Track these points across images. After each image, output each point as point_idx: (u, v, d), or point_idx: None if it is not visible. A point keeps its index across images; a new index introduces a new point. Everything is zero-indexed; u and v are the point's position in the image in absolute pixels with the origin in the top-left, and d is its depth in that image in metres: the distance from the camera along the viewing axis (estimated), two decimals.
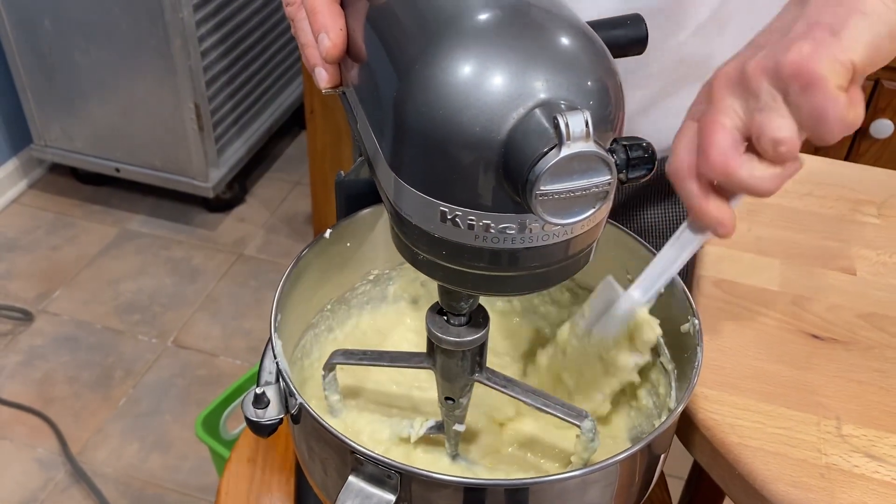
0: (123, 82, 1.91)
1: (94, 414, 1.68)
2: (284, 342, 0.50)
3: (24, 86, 2.00)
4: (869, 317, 0.64)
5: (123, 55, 1.87)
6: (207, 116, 1.96)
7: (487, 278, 0.42)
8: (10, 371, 1.75)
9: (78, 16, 1.83)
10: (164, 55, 1.83)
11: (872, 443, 0.55)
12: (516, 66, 0.36)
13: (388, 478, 0.41)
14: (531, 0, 0.39)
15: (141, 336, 1.84)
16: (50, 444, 1.61)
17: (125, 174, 2.09)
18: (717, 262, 0.69)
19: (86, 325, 1.86)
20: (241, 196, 2.22)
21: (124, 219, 2.15)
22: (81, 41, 1.87)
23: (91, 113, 2.00)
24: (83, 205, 2.18)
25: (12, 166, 2.15)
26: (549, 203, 0.35)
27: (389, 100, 0.39)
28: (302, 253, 0.52)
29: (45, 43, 1.90)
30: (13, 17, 1.89)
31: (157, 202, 2.19)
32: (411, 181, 0.39)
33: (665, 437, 0.49)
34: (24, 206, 2.17)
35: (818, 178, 0.79)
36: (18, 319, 1.85)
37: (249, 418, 0.47)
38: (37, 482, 1.55)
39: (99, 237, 2.09)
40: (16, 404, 1.67)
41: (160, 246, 2.08)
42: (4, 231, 2.09)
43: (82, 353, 1.79)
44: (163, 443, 1.63)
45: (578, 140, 0.34)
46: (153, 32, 1.80)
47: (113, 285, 1.96)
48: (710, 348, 0.61)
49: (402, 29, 0.41)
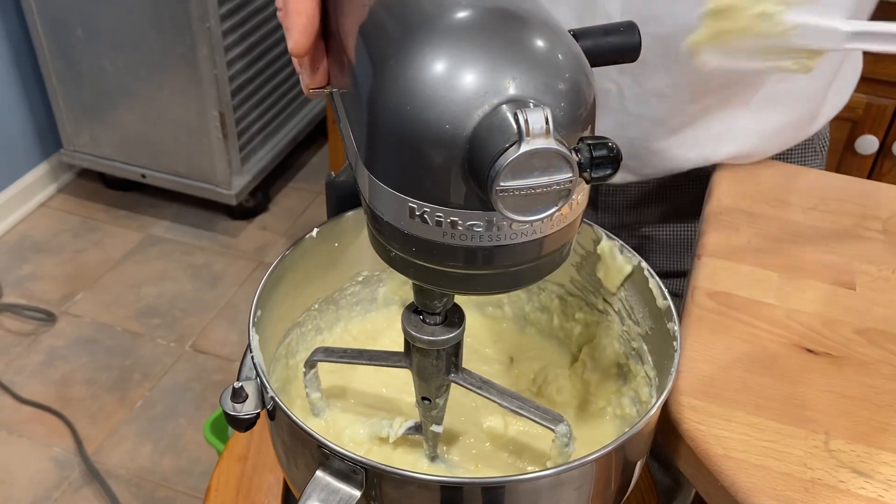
0: (150, 90, 1.95)
1: (111, 415, 1.70)
2: (267, 339, 0.50)
3: (56, 92, 2.04)
4: (866, 332, 0.63)
5: (151, 64, 1.90)
6: (232, 125, 1.99)
7: (458, 276, 0.42)
8: (31, 371, 1.78)
9: (108, 25, 1.87)
10: (190, 64, 1.87)
11: (861, 459, 0.54)
12: (484, 64, 0.37)
13: (354, 473, 0.41)
14: (510, 3, 0.40)
15: (160, 340, 1.86)
16: (66, 444, 1.64)
17: (151, 180, 2.12)
18: (713, 273, 0.68)
19: (106, 327, 1.89)
20: (263, 204, 2.25)
21: (149, 224, 2.18)
22: (111, 49, 1.91)
23: (118, 119, 2.04)
24: (110, 210, 2.22)
25: (42, 171, 2.20)
26: (511, 199, 0.35)
27: (365, 97, 0.40)
28: (286, 251, 0.53)
29: (76, 51, 1.95)
30: (47, 26, 1.93)
31: (181, 208, 2.22)
32: (382, 177, 0.40)
33: (640, 440, 0.49)
34: (53, 210, 2.21)
35: (825, 192, 0.78)
36: (41, 320, 1.88)
37: (227, 412, 0.48)
38: (52, 480, 1.57)
39: (124, 241, 2.13)
40: (35, 403, 1.70)
41: (183, 252, 2.11)
42: (32, 233, 2.13)
43: (102, 355, 1.82)
44: (176, 446, 1.64)
45: (538, 137, 0.34)
46: (180, 42, 1.84)
47: (135, 289, 1.99)
48: (699, 359, 0.60)
49: (383, 29, 0.42)
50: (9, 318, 1.89)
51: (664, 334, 0.52)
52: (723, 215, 0.74)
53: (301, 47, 0.44)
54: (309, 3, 0.43)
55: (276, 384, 0.56)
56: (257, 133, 2.13)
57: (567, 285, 0.63)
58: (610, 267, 0.58)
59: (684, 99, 0.70)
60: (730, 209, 0.75)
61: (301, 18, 0.43)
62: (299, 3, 0.43)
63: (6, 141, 2.08)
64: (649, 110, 0.71)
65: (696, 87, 0.70)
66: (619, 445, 0.44)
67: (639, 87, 0.69)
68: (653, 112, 0.71)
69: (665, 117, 0.72)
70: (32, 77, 2.07)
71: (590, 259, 0.59)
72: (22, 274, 2.01)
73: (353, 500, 0.42)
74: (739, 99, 0.73)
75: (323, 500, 0.42)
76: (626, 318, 0.58)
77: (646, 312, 0.56)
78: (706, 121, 0.74)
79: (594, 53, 0.45)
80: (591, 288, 0.61)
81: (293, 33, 0.43)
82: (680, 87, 0.69)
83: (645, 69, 0.67)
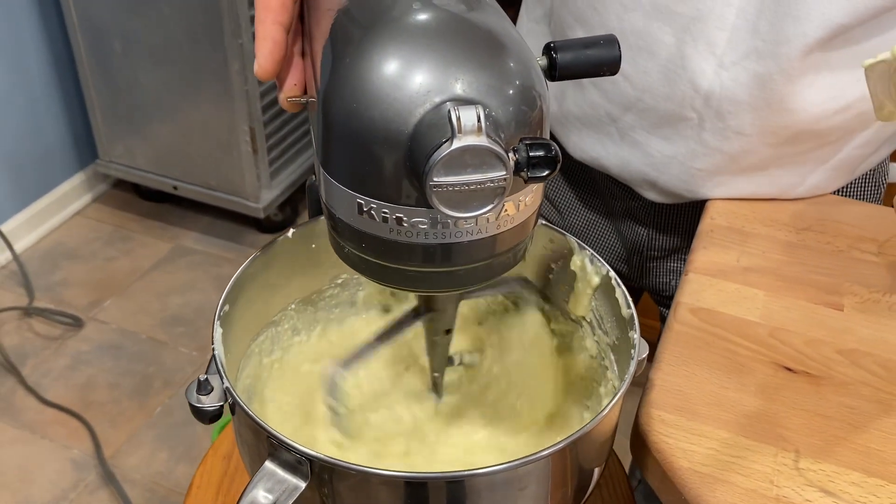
0: (184, 104, 2.00)
1: (130, 420, 1.73)
2: (237, 335, 0.52)
3: (94, 105, 2.10)
4: (849, 353, 0.62)
5: (185, 78, 1.95)
6: (262, 139, 2.03)
7: (410, 274, 0.43)
8: (57, 374, 1.82)
9: (145, 39, 1.93)
10: (222, 79, 1.91)
11: (830, 478, 0.53)
12: (430, 64, 0.38)
13: (300, 464, 0.42)
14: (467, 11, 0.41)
15: (182, 348, 1.90)
16: (85, 447, 1.67)
17: (182, 192, 2.17)
18: (699, 290, 0.68)
19: (131, 334, 1.92)
20: (292, 218, 2.28)
21: (179, 235, 2.22)
22: (147, 63, 1.97)
23: (153, 132, 2.09)
24: (142, 220, 2.27)
25: (78, 180, 2.26)
26: (444, 195, 0.36)
27: (321, 96, 0.41)
28: (259, 251, 0.54)
29: (114, 64, 2.01)
30: (87, 40, 2.00)
31: (211, 221, 2.26)
32: (334, 174, 0.41)
33: (593, 440, 0.49)
34: (87, 219, 2.27)
35: (821, 214, 0.77)
36: (69, 325, 1.93)
37: (191, 403, 0.49)
38: (69, 481, 1.60)
39: (153, 251, 2.17)
40: (58, 406, 1.73)
41: (211, 263, 2.14)
42: (66, 241, 2.19)
43: (125, 361, 1.86)
44: (191, 454, 1.66)
45: (470, 134, 0.35)
46: (213, 57, 1.88)
47: (161, 298, 2.03)
48: (674, 374, 0.60)
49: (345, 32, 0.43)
50: (39, 322, 1.94)
51: (628, 343, 0.52)
52: (715, 234, 0.74)
53: (265, 71, 0.45)
54: (275, 28, 0.45)
55: (247, 380, 0.57)
56: (287, 148, 2.17)
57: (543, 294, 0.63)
58: (580, 280, 0.58)
59: (764, 142, 0.69)
60: (723, 228, 0.74)
61: (267, 44, 0.45)
62: (266, 29, 0.45)
63: (45, 151, 2.15)
64: (725, 146, 0.69)
65: (779, 133, 0.69)
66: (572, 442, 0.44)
67: (721, 121, 0.68)
68: (728, 148, 0.69)
69: (739, 156, 0.70)
70: (72, 90, 2.14)
71: (563, 269, 0.59)
72: (54, 279, 2.06)
73: (298, 490, 0.42)
74: (818, 156, 0.72)
75: (269, 490, 0.42)
76: (597, 328, 0.58)
77: (613, 322, 0.56)
78: (778, 169, 0.73)
79: (574, 65, 0.46)
80: (565, 298, 0.61)
81: (258, 57, 0.45)
82: (763, 130, 0.68)
83: (734, 106, 0.66)
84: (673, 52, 0.65)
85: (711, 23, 0.63)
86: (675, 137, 0.70)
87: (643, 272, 0.84)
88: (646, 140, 0.72)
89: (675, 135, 0.70)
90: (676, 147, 0.71)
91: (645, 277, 0.85)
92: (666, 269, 0.83)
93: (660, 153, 0.71)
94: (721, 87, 0.65)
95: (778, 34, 0.62)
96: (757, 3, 0.62)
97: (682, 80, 0.66)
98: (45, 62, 2.07)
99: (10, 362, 1.81)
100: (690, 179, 0.72)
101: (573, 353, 0.62)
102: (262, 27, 0.45)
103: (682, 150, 0.70)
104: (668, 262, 0.83)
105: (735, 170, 0.72)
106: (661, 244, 0.81)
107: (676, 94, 0.67)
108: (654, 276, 0.84)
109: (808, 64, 0.63)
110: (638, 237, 0.82)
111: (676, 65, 0.66)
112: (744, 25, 0.63)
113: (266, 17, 0.44)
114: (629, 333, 0.52)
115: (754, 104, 0.66)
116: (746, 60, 0.64)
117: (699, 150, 0.70)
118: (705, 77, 0.65)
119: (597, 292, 0.58)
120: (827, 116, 0.67)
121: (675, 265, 0.82)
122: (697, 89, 0.66)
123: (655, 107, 0.69)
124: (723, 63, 0.64)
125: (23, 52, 2.01)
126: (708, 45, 0.64)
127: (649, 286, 0.86)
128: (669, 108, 0.68)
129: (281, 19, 0.45)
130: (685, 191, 0.74)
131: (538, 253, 0.60)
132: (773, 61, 0.63)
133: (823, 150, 0.72)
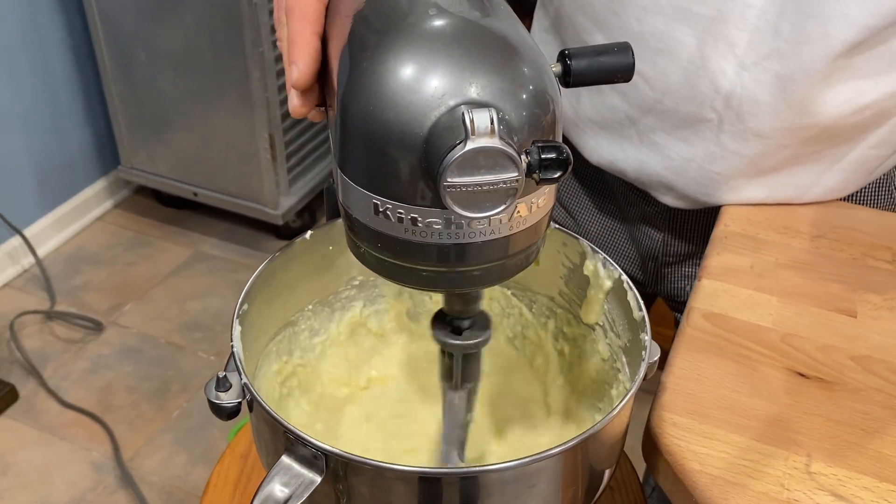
0: (204, 111, 2.02)
1: (148, 423, 1.74)
2: (256, 334, 0.53)
3: (117, 112, 2.13)
4: (862, 359, 0.62)
5: (206, 86, 1.98)
6: (281, 147, 2.05)
7: (424, 274, 0.43)
8: (77, 377, 1.84)
9: (168, 48, 1.95)
10: (242, 87, 1.93)
11: (841, 482, 0.53)
12: (446, 68, 0.39)
13: (316, 459, 0.43)
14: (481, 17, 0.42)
15: (201, 353, 1.91)
16: (104, 449, 1.69)
17: (202, 198, 2.19)
18: (712, 295, 0.68)
19: (151, 338, 1.95)
20: (310, 225, 2.29)
21: (198, 241, 2.25)
22: (169, 71, 1.99)
23: (174, 139, 2.12)
24: (162, 226, 2.29)
25: (100, 186, 2.29)
26: (458, 195, 0.37)
27: (339, 99, 0.42)
28: (276, 254, 0.55)
29: (137, 73, 2.04)
30: (111, 49, 2.03)
31: (230, 227, 2.28)
32: (351, 175, 0.42)
33: (603, 440, 0.49)
34: (108, 224, 2.30)
35: (836, 221, 0.77)
36: (89, 329, 1.95)
37: (210, 400, 0.50)
38: (87, 483, 1.62)
39: (173, 257, 2.20)
40: (77, 408, 1.75)
41: (229, 269, 2.16)
42: (87, 246, 2.22)
43: (144, 365, 1.88)
44: (208, 456, 1.68)
45: (483, 136, 0.36)
46: (234, 65, 1.91)
47: (180, 303, 2.05)
48: (686, 377, 0.60)
49: (362, 38, 0.44)
50: (59, 326, 1.97)
51: (640, 346, 0.53)
52: (729, 240, 0.74)
53: (307, 80, 0.45)
54: (314, 39, 0.45)
55: (265, 379, 0.58)
56: (306, 156, 2.19)
57: (556, 298, 0.64)
58: (593, 284, 0.59)
59: (782, 143, 0.69)
60: (736, 234, 0.75)
61: (308, 51, 0.45)
62: (306, 39, 0.45)
63: (69, 157, 2.18)
64: (744, 148, 0.70)
65: (797, 135, 0.69)
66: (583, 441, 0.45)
67: (741, 123, 0.68)
68: (747, 151, 0.70)
69: (757, 158, 0.71)
70: (96, 98, 2.17)
71: (576, 272, 0.60)
72: (75, 284, 2.09)
73: (314, 484, 0.43)
74: (832, 154, 0.73)
75: (285, 484, 0.43)
76: (609, 331, 0.59)
77: (625, 325, 0.56)
78: (794, 169, 0.73)
79: (588, 72, 0.47)
80: (578, 301, 0.62)
81: (300, 66, 0.45)
82: (782, 132, 0.68)
83: (754, 107, 0.66)
84: (693, 53, 0.65)
85: (732, 23, 0.63)
86: (694, 139, 0.70)
87: (658, 278, 0.85)
88: (665, 142, 0.72)
89: (693, 137, 0.70)
90: (695, 149, 0.71)
91: (660, 283, 0.85)
92: (681, 274, 0.83)
93: (678, 156, 0.71)
94: (742, 88, 0.65)
95: (800, 35, 0.62)
96: (779, 4, 0.62)
97: (703, 81, 0.66)
98: (70, 70, 2.10)
99: (32, 365, 1.84)
100: (708, 183, 0.72)
101: (585, 356, 0.62)
102: (302, 37, 0.45)
103: (700, 153, 0.71)
104: (682, 267, 0.83)
105: (752, 173, 0.72)
106: (676, 250, 0.82)
107: (697, 95, 0.67)
108: (669, 282, 0.84)
109: (832, 66, 0.63)
110: (653, 243, 0.83)
111: (697, 66, 0.66)
112: (765, 26, 0.63)
113: (304, 27, 0.45)
114: (640, 335, 0.53)
115: (775, 105, 0.66)
116: (768, 61, 0.64)
117: (717, 153, 0.70)
118: (726, 77, 0.65)
119: (609, 296, 0.58)
120: (845, 116, 0.67)
121: (690, 271, 0.83)
122: (718, 90, 0.66)
123: (675, 108, 0.69)
124: (744, 63, 0.64)
125: (48, 61, 2.04)
126: (728, 45, 0.64)
127: (664, 292, 0.86)
128: (689, 109, 0.69)
129: (318, 29, 0.45)
130: (702, 194, 0.74)
131: (550, 256, 0.61)
132: (795, 62, 0.63)
133: (839, 148, 0.72)
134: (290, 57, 0.46)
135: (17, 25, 1.95)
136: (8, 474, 1.63)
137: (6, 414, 1.75)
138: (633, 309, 0.55)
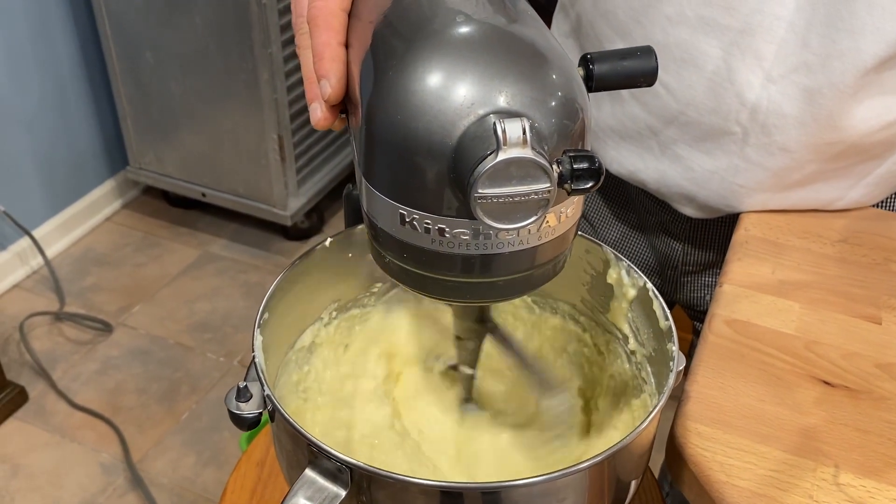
0: (213, 112, 2.02)
1: (158, 425, 1.74)
2: (276, 343, 0.52)
3: (125, 113, 2.13)
4: (888, 367, 0.62)
5: (215, 87, 1.97)
6: (290, 148, 2.04)
7: (450, 284, 0.43)
8: (86, 378, 1.84)
9: (176, 48, 1.95)
10: (251, 88, 1.93)
11: (871, 494, 0.53)
12: (474, 77, 0.38)
13: (340, 472, 0.42)
14: (509, 24, 0.41)
15: (209, 354, 1.91)
16: (114, 451, 1.68)
17: (211, 199, 2.19)
18: (733, 301, 0.67)
19: (159, 340, 1.94)
20: (318, 226, 2.29)
21: (207, 241, 2.24)
22: (178, 72, 1.99)
23: (182, 140, 2.12)
24: (171, 226, 2.29)
25: (109, 187, 2.29)
26: (489, 206, 0.36)
27: (364, 108, 0.41)
28: (298, 259, 0.55)
29: (145, 74, 2.03)
30: (119, 50, 2.02)
31: (239, 228, 2.28)
32: (377, 185, 0.41)
33: (631, 453, 0.49)
34: (117, 225, 2.29)
35: (858, 226, 0.76)
36: (99, 330, 1.95)
37: (231, 410, 0.49)
38: (98, 485, 1.62)
39: (182, 258, 2.19)
40: (87, 410, 1.75)
41: (238, 270, 2.16)
42: (96, 247, 2.22)
43: (153, 367, 1.87)
44: (218, 458, 1.67)
45: (515, 146, 0.35)
46: (243, 66, 1.90)
47: (189, 304, 2.05)
48: (710, 386, 0.60)
49: (388, 45, 0.43)
50: (69, 327, 1.97)
51: (666, 356, 0.52)
52: (749, 245, 0.73)
53: (339, 95, 0.44)
54: (341, 48, 0.44)
55: (285, 389, 0.58)
56: (314, 157, 2.18)
57: (578, 305, 0.63)
58: (616, 292, 0.58)
59: (807, 158, 0.68)
60: (757, 239, 0.74)
61: (337, 65, 0.44)
62: (334, 51, 0.44)
63: (77, 158, 2.18)
64: (768, 162, 0.68)
65: (824, 151, 0.67)
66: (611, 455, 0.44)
67: (767, 136, 0.67)
68: (772, 164, 0.69)
69: (782, 172, 0.69)
70: (104, 98, 2.17)
71: (599, 279, 0.59)
72: (84, 285, 2.09)
73: (338, 498, 0.43)
74: (860, 170, 0.71)
75: (309, 497, 0.43)
76: (633, 339, 0.58)
77: (650, 334, 0.56)
78: (818, 185, 0.72)
79: (610, 76, 0.46)
80: (601, 308, 0.61)
81: (332, 81, 0.43)
82: (808, 146, 0.67)
83: (780, 120, 0.65)
84: (719, 64, 0.64)
85: (760, 36, 0.62)
86: (718, 152, 0.69)
87: (677, 286, 0.84)
88: (687, 154, 0.71)
89: (717, 149, 0.69)
90: (718, 162, 0.70)
91: (679, 292, 0.84)
92: (700, 283, 0.82)
93: (701, 168, 0.70)
94: (768, 101, 0.64)
95: (829, 48, 0.61)
96: (808, 17, 0.61)
97: (728, 94, 0.65)
98: (79, 71, 2.10)
99: (41, 366, 1.84)
100: (730, 195, 0.71)
101: (608, 365, 0.62)
102: (329, 49, 0.44)
103: (723, 165, 0.70)
104: (702, 276, 0.82)
105: (776, 186, 0.71)
106: (695, 259, 0.81)
107: (722, 107, 0.66)
108: (689, 291, 0.83)
109: (861, 81, 0.62)
110: (672, 251, 0.82)
111: (723, 77, 0.65)
112: (793, 39, 0.62)
113: (331, 38, 0.44)
114: (667, 345, 0.52)
115: (801, 119, 0.65)
116: (795, 74, 0.63)
117: (741, 166, 0.69)
118: (752, 90, 0.64)
119: (633, 304, 0.58)
120: (873, 132, 0.66)
121: (710, 280, 0.82)
122: (744, 102, 0.65)
123: (699, 120, 0.68)
124: (770, 76, 0.63)
125: (56, 62, 2.04)
126: (756, 57, 0.63)
127: (683, 301, 0.85)
128: (714, 121, 0.68)
129: (343, 39, 0.44)
130: (724, 206, 0.73)
131: (574, 264, 0.60)
132: (824, 76, 0.62)
133: (866, 164, 0.71)
134: (319, 71, 0.44)
135: (26, 26, 1.94)
136: (18, 476, 1.63)
137: (16, 416, 1.75)
138: (660, 318, 0.54)
